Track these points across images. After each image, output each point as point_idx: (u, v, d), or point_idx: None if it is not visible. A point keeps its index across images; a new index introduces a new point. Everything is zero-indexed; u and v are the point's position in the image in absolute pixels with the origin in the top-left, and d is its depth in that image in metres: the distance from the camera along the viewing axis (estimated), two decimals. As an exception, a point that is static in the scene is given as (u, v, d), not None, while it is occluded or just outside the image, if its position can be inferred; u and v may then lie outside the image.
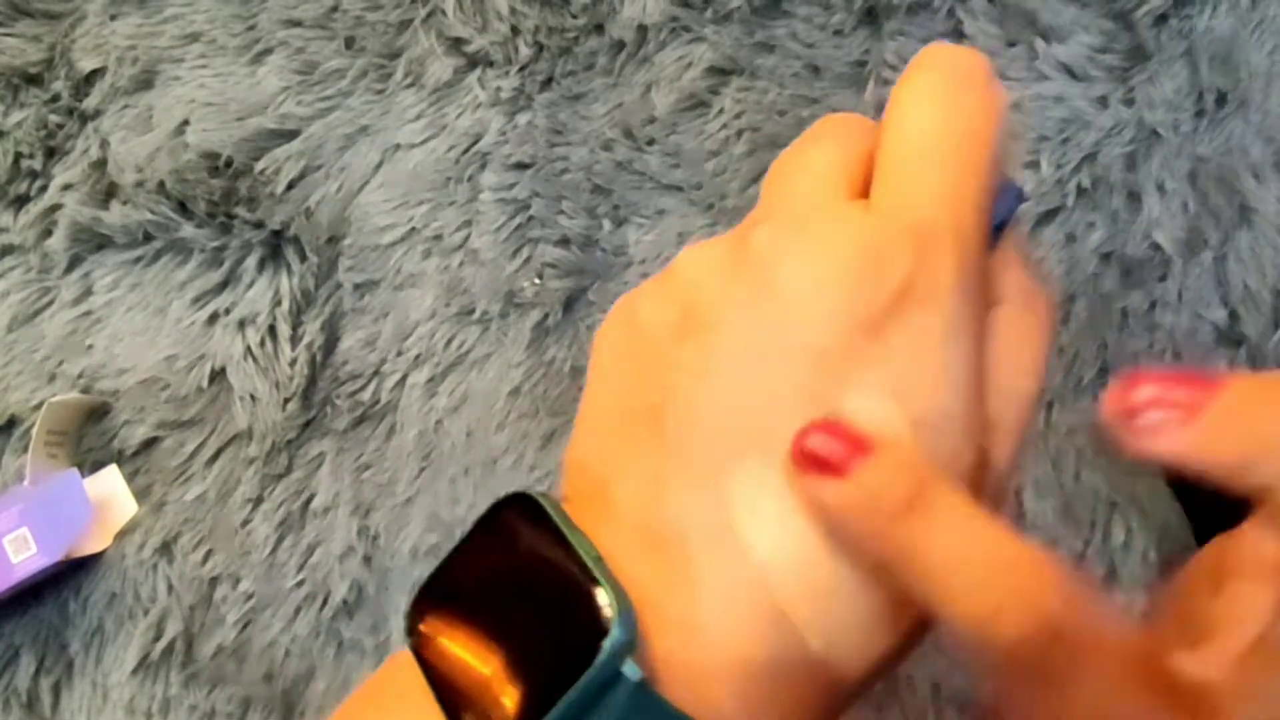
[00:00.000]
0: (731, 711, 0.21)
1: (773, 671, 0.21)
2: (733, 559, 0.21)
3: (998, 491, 0.24)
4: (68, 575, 0.59)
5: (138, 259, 0.64)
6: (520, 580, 0.23)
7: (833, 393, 0.21)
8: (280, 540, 0.60)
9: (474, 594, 0.23)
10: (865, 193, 0.24)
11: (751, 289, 0.22)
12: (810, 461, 0.21)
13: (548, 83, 0.65)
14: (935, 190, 0.22)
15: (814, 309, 0.22)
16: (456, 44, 0.65)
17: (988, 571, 0.20)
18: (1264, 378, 0.21)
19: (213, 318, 0.63)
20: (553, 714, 0.20)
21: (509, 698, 0.21)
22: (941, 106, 0.23)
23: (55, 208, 0.65)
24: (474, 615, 0.23)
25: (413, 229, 0.63)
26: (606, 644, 0.20)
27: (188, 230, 0.63)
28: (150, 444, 0.62)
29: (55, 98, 0.67)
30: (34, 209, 0.65)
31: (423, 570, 0.58)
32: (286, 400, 0.61)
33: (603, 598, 0.21)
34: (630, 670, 0.20)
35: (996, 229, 0.25)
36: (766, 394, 0.22)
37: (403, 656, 0.24)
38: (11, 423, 0.62)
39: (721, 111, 0.63)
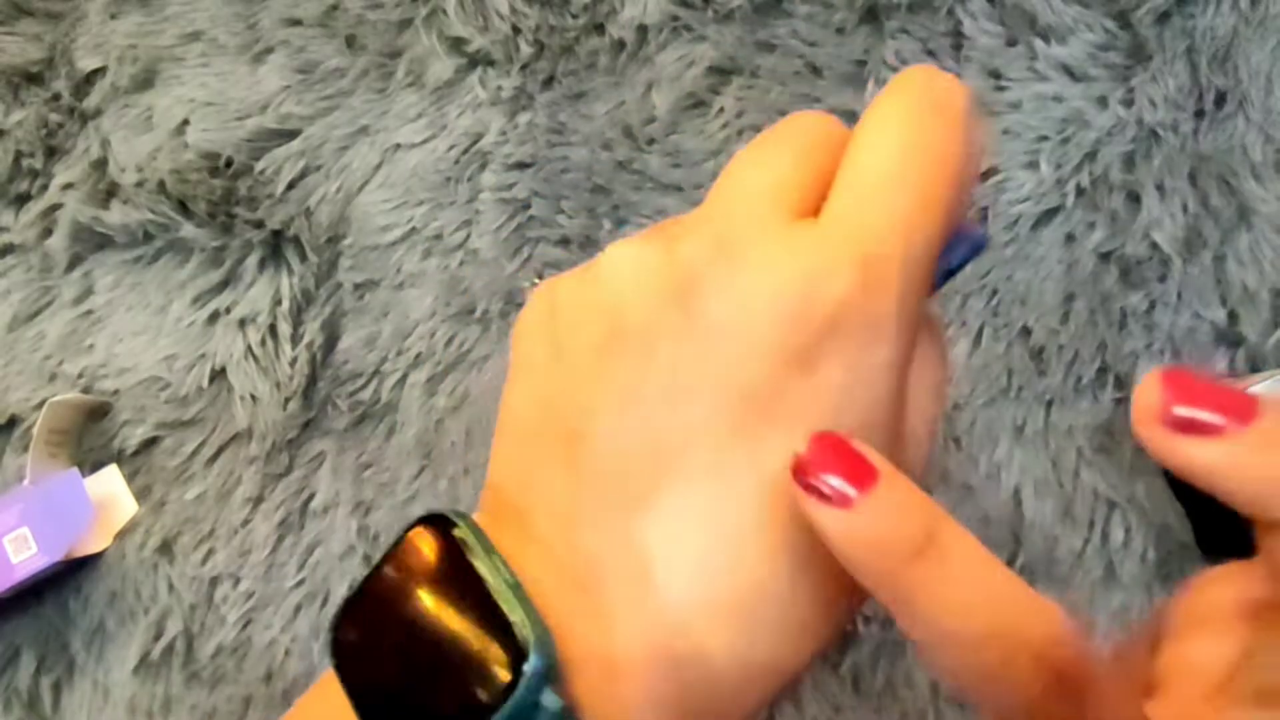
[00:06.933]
0: None
1: (696, 700, 0.21)
2: (646, 599, 0.21)
3: None
4: (68, 575, 0.59)
5: (138, 259, 0.64)
6: (438, 605, 0.22)
7: (758, 430, 0.21)
8: (280, 540, 0.60)
9: (391, 621, 0.22)
10: (817, 210, 0.22)
11: (680, 315, 0.21)
12: (809, 487, 0.20)
13: (548, 82, 0.65)
14: (890, 218, 0.21)
15: (744, 343, 0.21)
16: (457, 43, 0.65)
17: (1000, 622, 0.19)
18: None
19: (213, 317, 0.63)
20: None
21: None
22: (910, 133, 0.22)
23: (56, 207, 0.65)
24: (393, 642, 0.22)
25: (413, 229, 0.63)
26: (526, 670, 0.20)
27: (188, 230, 0.63)
28: (150, 444, 0.62)
29: (56, 97, 0.67)
30: (34, 208, 0.65)
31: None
32: (287, 400, 0.61)
33: (520, 626, 0.20)
34: (550, 700, 0.20)
35: (947, 274, 0.23)
36: (688, 429, 0.21)
37: (331, 676, 0.23)
38: (12, 422, 0.62)
39: (722, 111, 0.63)
